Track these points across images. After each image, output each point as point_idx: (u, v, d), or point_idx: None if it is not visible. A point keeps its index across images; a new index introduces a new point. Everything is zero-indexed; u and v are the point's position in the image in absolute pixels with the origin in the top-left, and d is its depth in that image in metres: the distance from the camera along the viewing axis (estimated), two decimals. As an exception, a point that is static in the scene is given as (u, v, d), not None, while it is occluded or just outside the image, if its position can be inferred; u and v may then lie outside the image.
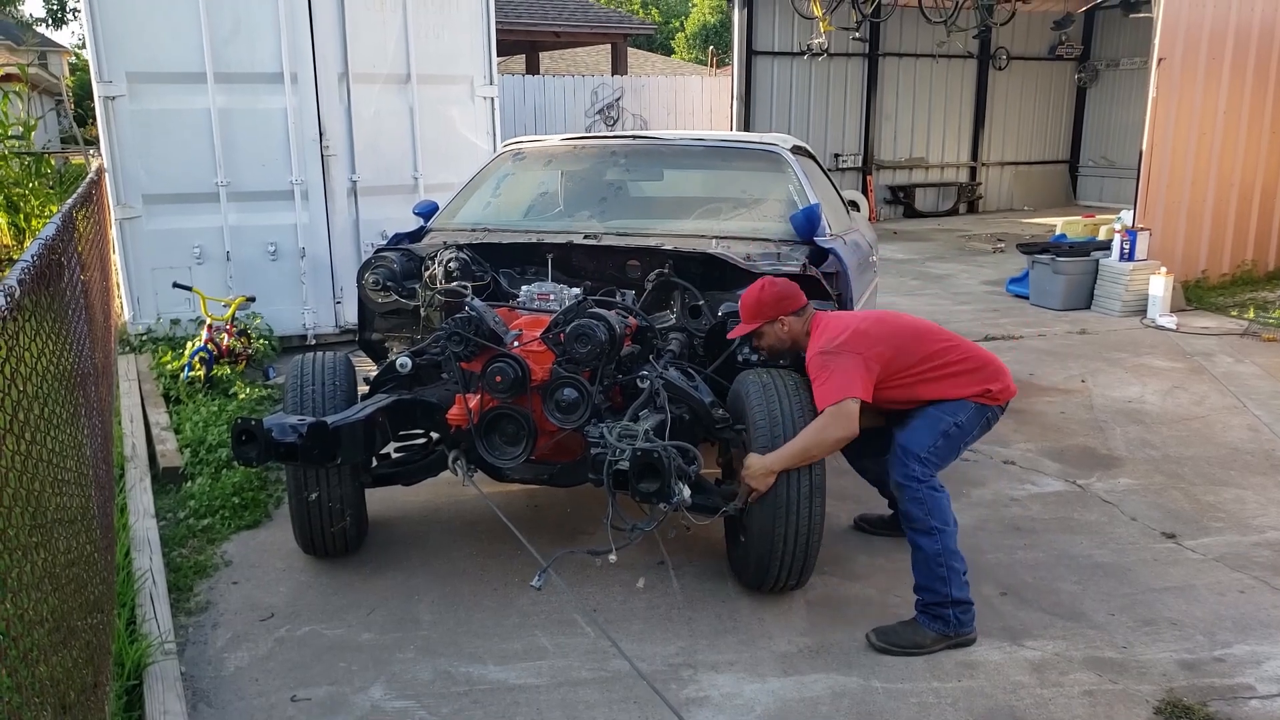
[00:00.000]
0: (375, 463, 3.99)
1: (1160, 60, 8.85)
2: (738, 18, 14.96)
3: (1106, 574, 3.97)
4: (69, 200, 4.89)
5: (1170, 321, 8.30)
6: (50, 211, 10.22)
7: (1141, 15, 14.08)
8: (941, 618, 3.41)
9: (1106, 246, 9.21)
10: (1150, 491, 4.81)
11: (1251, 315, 8.52)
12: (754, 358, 3.92)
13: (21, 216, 10.68)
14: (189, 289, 6.59)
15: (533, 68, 20.84)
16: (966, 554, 4.08)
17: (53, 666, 2.23)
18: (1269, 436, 5.58)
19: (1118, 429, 5.71)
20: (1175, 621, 3.59)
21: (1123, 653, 3.39)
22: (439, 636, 3.52)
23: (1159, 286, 8.49)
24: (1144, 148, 9.03)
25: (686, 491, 3.25)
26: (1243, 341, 7.79)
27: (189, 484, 4.78)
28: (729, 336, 3.82)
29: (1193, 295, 9.29)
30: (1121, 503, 4.68)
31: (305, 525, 3.89)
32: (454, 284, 4.20)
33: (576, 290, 4.18)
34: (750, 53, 15.07)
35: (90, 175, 7.54)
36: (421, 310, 4.41)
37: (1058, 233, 10.74)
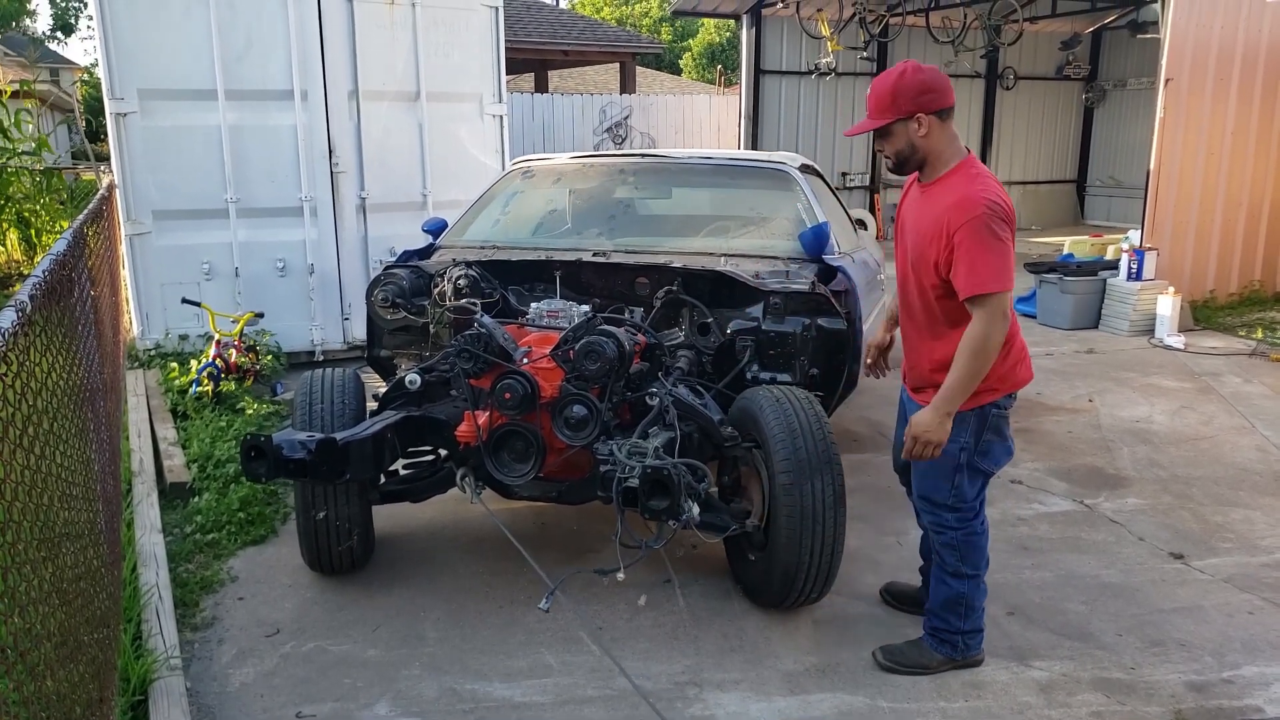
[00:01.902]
0: (384, 480, 3.99)
1: (1168, 81, 8.87)
2: (746, 37, 15.03)
3: (1114, 594, 3.95)
4: (80, 216, 4.93)
5: (1178, 341, 8.28)
6: (61, 227, 10.29)
7: (1149, 36, 14.13)
8: (950, 643, 3.36)
9: (1114, 266, 9.20)
10: (1158, 512, 4.79)
11: (1260, 335, 8.50)
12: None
13: (33, 232, 10.76)
14: (198, 305, 6.62)
15: (541, 86, 20.94)
16: (974, 574, 4.08)
17: (59, 681, 2.23)
18: (1277, 457, 5.56)
19: (1125, 449, 5.69)
20: (1183, 642, 3.57)
21: (1131, 674, 3.37)
22: (445, 654, 3.51)
23: (1167, 306, 8.48)
24: (1151, 167, 9.04)
25: (696, 509, 3.25)
26: (1251, 362, 7.77)
27: (196, 499, 4.79)
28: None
29: (1201, 315, 9.27)
30: (1129, 523, 4.66)
31: (312, 543, 3.89)
32: (463, 301, 4.21)
33: (585, 307, 4.19)
34: (758, 72, 15.13)
35: (101, 191, 7.59)
36: (430, 327, 4.42)
37: (1065, 252, 10.74)
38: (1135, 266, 8.81)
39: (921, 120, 2.93)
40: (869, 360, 3.69)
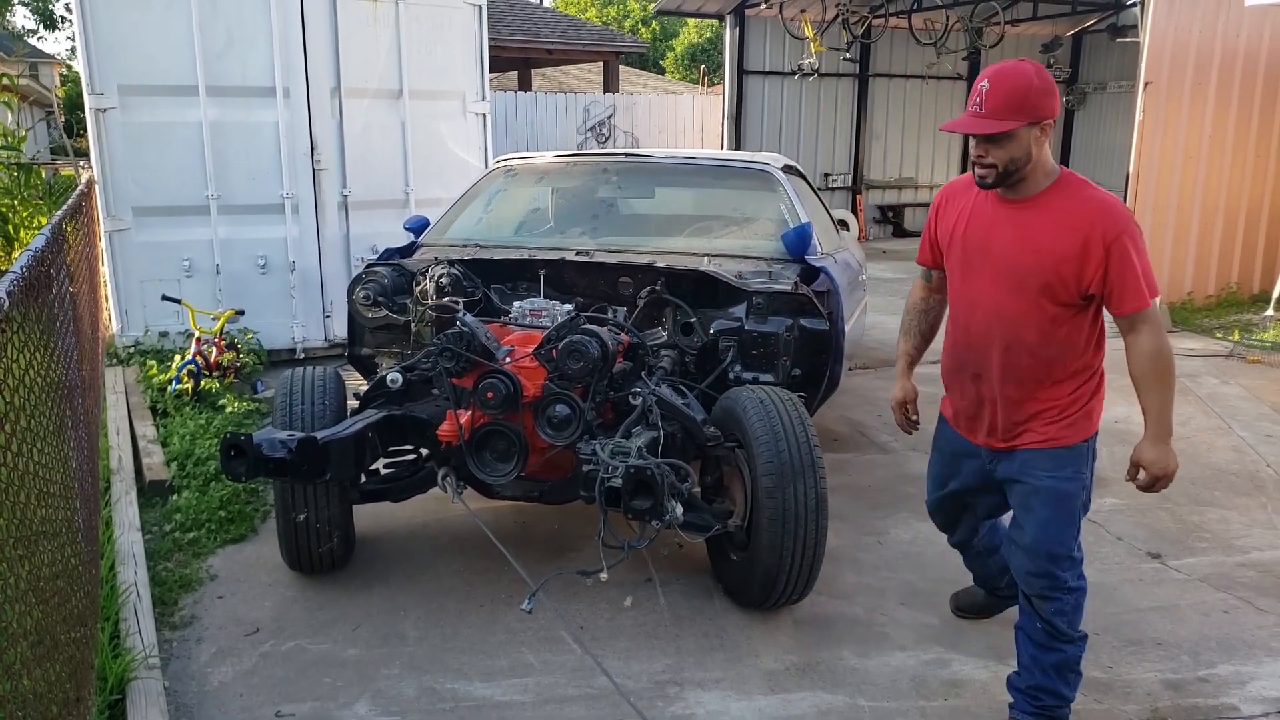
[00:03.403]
0: (364, 479, 3.98)
1: (1147, 84, 8.95)
2: (729, 37, 15.06)
3: (1092, 593, 3.93)
4: (58, 212, 4.88)
5: (1156, 343, 8.33)
6: (39, 223, 10.20)
7: (1128, 40, 14.25)
8: (1059, 717, 2.95)
9: (1093, 268, 9.26)
10: (1136, 511, 4.83)
11: (1236, 337, 8.58)
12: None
13: (10, 228, 10.65)
14: (178, 302, 6.58)
15: (525, 85, 20.91)
16: (954, 574, 4.10)
17: (35, 680, 2.21)
18: (1253, 458, 5.61)
19: (1104, 449, 5.68)
20: (1160, 641, 3.61)
21: (1108, 672, 3.40)
22: (425, 653, 3.50)
23: (1145, 308, 8.53)
24: (1130, 170, 9.12)
25: (679, 509, 3.25)
26: (1228, 363, 7.84)
27: (175, 497, 4.76)
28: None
29: (1179, 317, 9.35)
30: (1108, 522, 4.70)
31: (292, 544, 3.87)
32: (445, 299, 4.20)
33: (568, 307, 4.19)
34: (741, 72, 15.16)
35: (80, 187, 7.53)
36: (412, 325, 4.41)
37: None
38: (1114, 268, 8.86)
39: (1046, 127, 2.62)
40: (898, 418, 3.31)
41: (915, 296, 3.32)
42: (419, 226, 5.28)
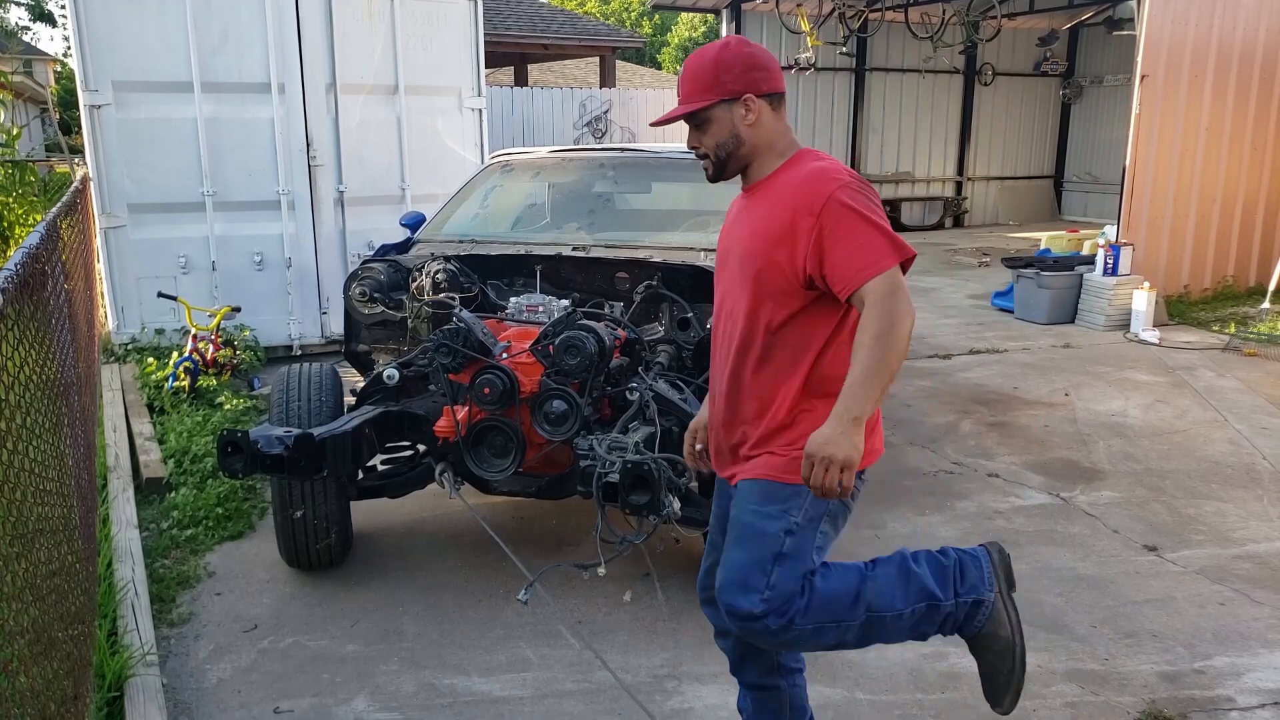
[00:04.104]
0: (361, 475, 3.98)
1: (1143, 77, 8.95)
2: (726, 32, 15.04)
3: (1089, 586, 3.99)
4: (53, 209, 4.87)
5: (1153, 336, 8.36)
6: (34, 220, 10.18)
7: (1125, 33, 14.26)
8: (951, 614, 2.45)
9: (1090, 261, 9.28)
10: (1132, 504, 4.84)
11: (1233, 330, 8.60)
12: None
13: (5, 225, 10.63)
14: (174, 299, 6.57)
15: (521, 80, 20.87)
16: (951, 567, 4.10)
17: (33, 678, 2.21)
18: (1249, 450, 5.63)
19: (1101, 442, 5.75)
20: (1156, 634, 3.61)
21: (1104, 664, 3.41)
22: (423, 648, 3.51)
23: (1142, 301, 8.56)
24: (1127, 164, 9.12)
25: (677, 504, 3.25)
26: (1224, 356, 7.85)
27: (173, 494, 4.76)
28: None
29: (1175, 310, 9.37)
30: (1104, 515, 4.71)
31: (290, 541, 3.87)
32: (442, 295, 4.20)
33: (565, 302, 4.19)
34: (738, 66, 15.12)
35: (75, 184, 7.52)
36: (409, 322, 4.41)
37: (1042, 247, 10.82)
38: (1111, 262, 8.89)
39: (751, 104, 2.29)
40: (697, 447, 2.74)
41: None
42: (415, 222, 5.27)
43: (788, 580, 2.26)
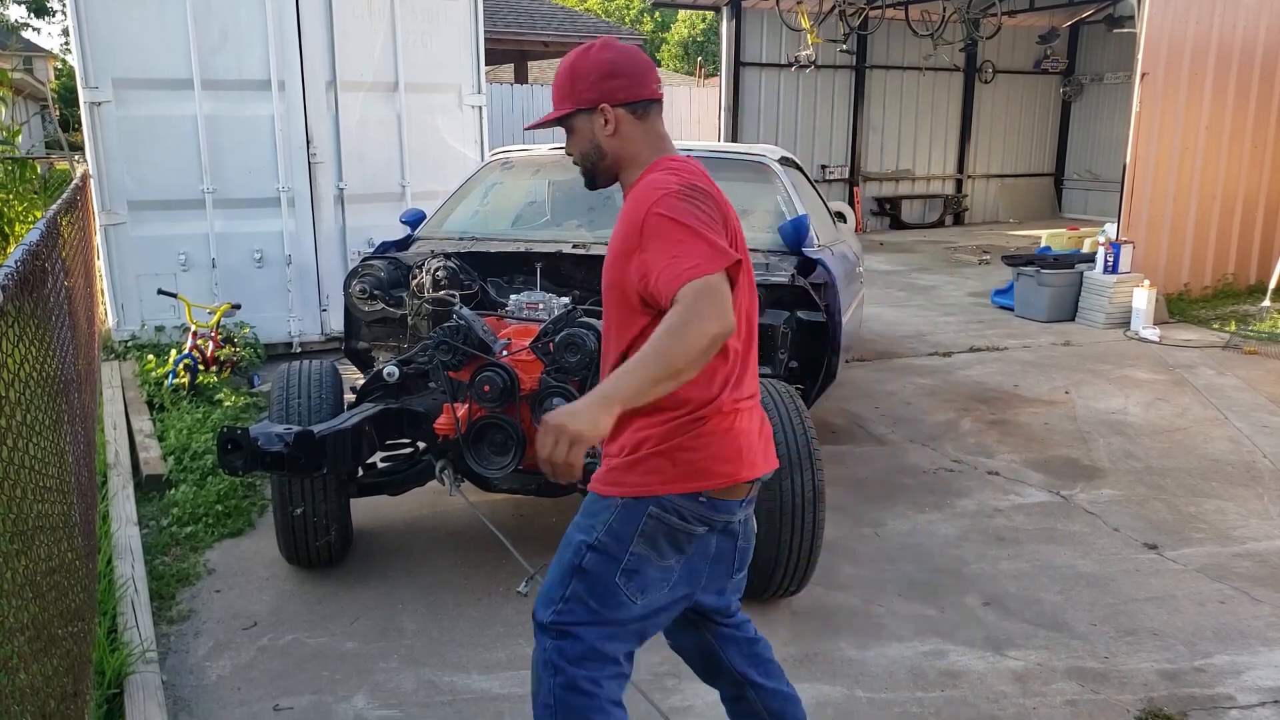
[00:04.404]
0: (361, 472, 3.98)
1: (1144, 75, 8.94)
2: (726, 29, 15.03)
3: (1089, 584, 3.99)
4: (53, 206, 4.87)
5: (1153, 334, 8.36)
6: (34, 217, 10.18)
7: (1125, 31, 14.25)
8: None
9: (1091, 259, 9.28)
10: (1133, 502, 4.84)
11: (1233, 328, 8.60)
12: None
13: (5, 222, 10.63)
14: (174, 296, 6.57)
15: (521, 77, 20.85)
16: (951, 565, 4.12)
17: (33, 674, 2.21)
18: (1249, 448, 5.63)
19: (1101, 440, 5.74)
20: (1156, 632, 3.61)
21: (1104, 663, 3.41)
22: (422, 646, 3.51)
23: (1142, 299, 8.56)
24: (1127, 161, 9.12)
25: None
26: (1224, 354, 7.85)
27: (172, 491, 4.75)
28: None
29: (1175, 308, 9.36)
30: (1104, 513, 4.71)
31: (290, 538, 3.87)
32: (442, 292, 4.20)
33: (565, 299, 4.19)
34: (738, 64, 15.14)
35: (75, 181, 7.51)
36: (409, 319, 4.40)
37: (1042, 245, 10.82)
38: (1111, 260, 8.88)
39: (607, 114, 2.17)
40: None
41: None
42: (415, 220, 5.27)
43: (578, 602, 2.12)
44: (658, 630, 2.26)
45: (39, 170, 13.72)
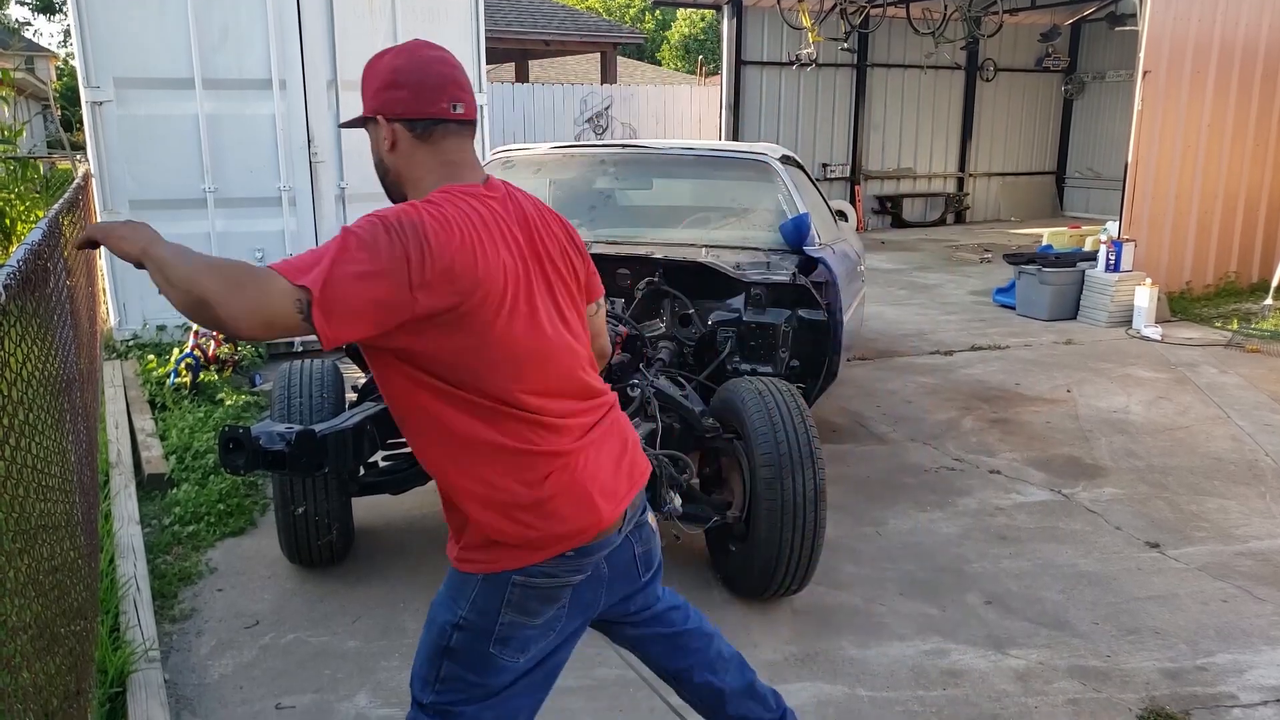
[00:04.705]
0: (363, 471, 3.98)
1: (1145, 73, 8.93)
2: (727, 28, 15.02)
3: (1091, 583, 3.98)
4: (55, 205, 4.87)
5: (1155, 332, 8.35)
6: (36, 216, 10.18)
7: (1127, 29, 14.23)
8: None
9: (1092, 257, 9.27)
10: (1135, 501, 4.84)
11: (1235, 326, 8.59)
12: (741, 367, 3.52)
13: (7, 222, 10.63)
14: (176, 295, 6.56)
15: (522, 76, 20.86)
16: (952, 564, 4.12)
17: (35, 673, 2.21)
18: (1252, 447, 5.62)
19: (1103, 439, 5.74)
20: (1158, 630, 3.61)
21: (1106, 661, 3.41)
22: (425, 644, 3.51)
23: (1144, 297, 8.55)
24: (1129, 160, 9.11)
25: (678, 501, 3.25)
26: (1226, 352, 7.85)
27: (174, 490, 4.76)
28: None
29: (1177, 306, 9.36)
30: (1106, 512, 4.70)
31: (292, 537, 3.87)
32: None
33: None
34: (739, 63, 15.13)
35: (77, 180, 7.52)
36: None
37: (1044, 243, 10.82)
38: (1113, 258, 8.87)
39: (383, 127, 1.94)
40: None
41: None
42: (417, 219, 5.27)
43: (455, 680, 1.98)
44: (561, 667, 2.12)
45: (41, 170, 13.73)
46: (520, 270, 1.89)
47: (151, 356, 6.62)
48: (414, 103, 1.91)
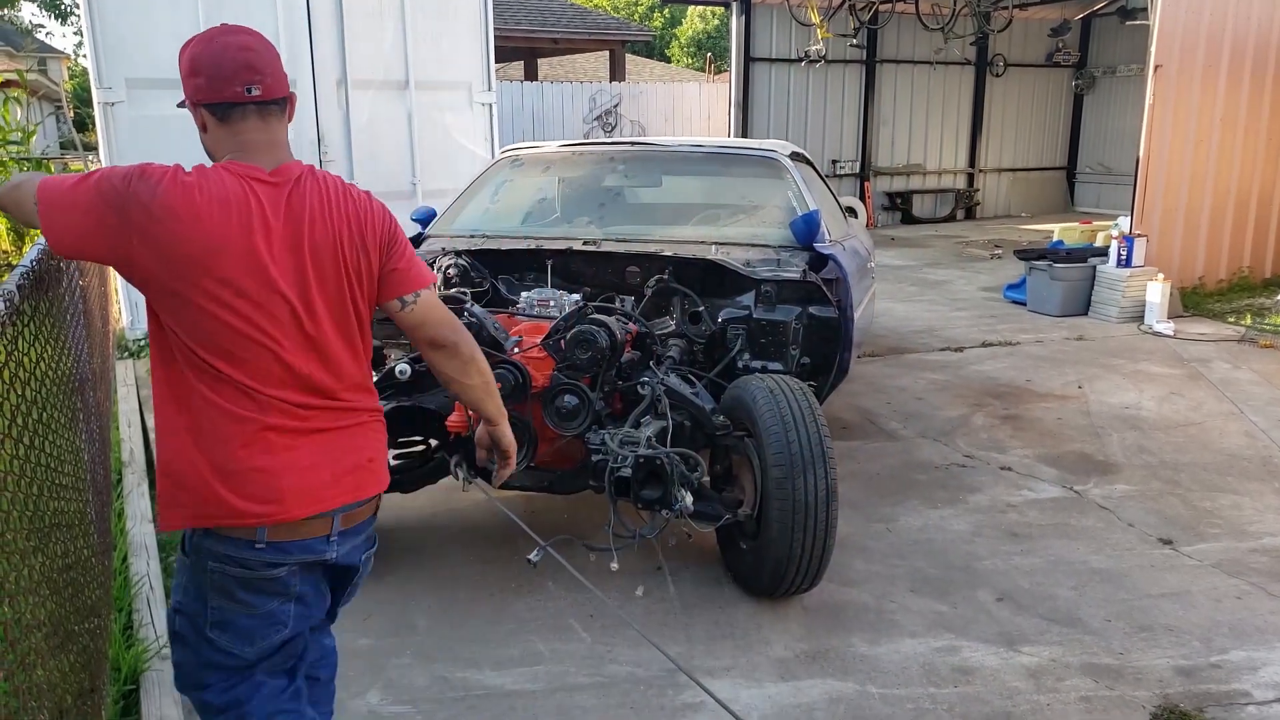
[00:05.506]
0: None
1: (1157, 67, 8.88)
2: (736, 25, 15.00)
3: (1103, 580, 3.97)
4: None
5: (1167, 328, 8.32)
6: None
7: (1138, 23, 14.14)
8: None
9: (1104, 253, 9.23)
10: (1147, 498, 4.82)
11: (1248, 322, 8.54)
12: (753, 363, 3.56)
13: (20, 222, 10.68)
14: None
15: (531, 74, 20.85)
16: (963, 561, 4.11)
17: (50, 671, 2.22)
18: (1265, 443, 5.59)
19: (1115, 435, 5.72)
20: (1171, 628, 3.60)
21: (1119, 659, 3.40)
22: (435, 642, 3.52)
23: (1156, 293, 8.51)
24: (1140, 154, 9.06)
25: (689, 498, 3.25)
26: (1240, 348, 7.81)
27: (187, 489, 4.77)
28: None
29: (1190, 302, 9.31)
30: (1118, 509, 4.69)
31: None
32: (453, 290, 4.21)
33: (576, 296, 4.19)
34: (748, 59, 15.11)
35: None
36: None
37: (1055, 239, 10.76)
38: (1125, 253, 8.84)
39: (195, 113, 2.02)
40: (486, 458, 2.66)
41: None
42: (426, 217, 5.28)
43: (191, 666, 2.13)
44: (301, 651, 2.21)
45: (54, 170, 13.79)
46: (265, 258, 1.94)
47: (163, 356, 6.63)
48: (209, 89, 1.97)
